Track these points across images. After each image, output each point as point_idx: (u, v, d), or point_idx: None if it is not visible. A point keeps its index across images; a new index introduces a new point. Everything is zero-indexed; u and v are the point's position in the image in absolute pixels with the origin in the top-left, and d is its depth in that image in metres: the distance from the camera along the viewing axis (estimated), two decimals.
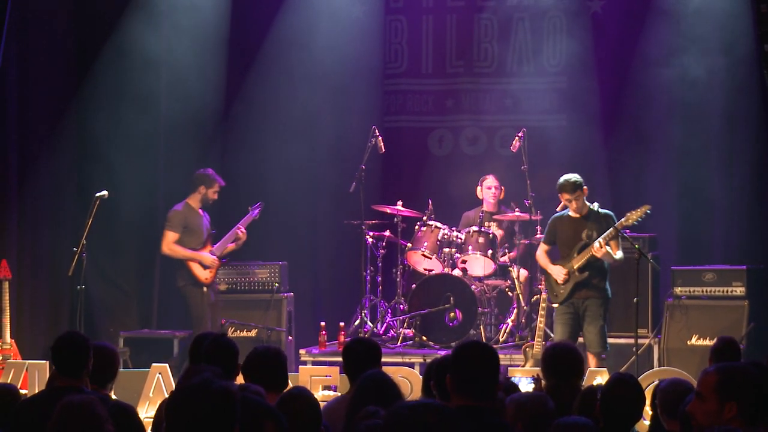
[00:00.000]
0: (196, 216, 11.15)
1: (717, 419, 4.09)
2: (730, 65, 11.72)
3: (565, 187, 9.70)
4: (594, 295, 9.78)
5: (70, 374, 5.64)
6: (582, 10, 12.47)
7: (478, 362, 4.48)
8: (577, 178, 9.72)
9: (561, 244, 9.98)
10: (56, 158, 11.67)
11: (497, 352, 4.60)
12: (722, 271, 10.85)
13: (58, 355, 5.73)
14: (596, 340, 9.71)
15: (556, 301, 9.87)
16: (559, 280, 9.80)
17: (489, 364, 4.49)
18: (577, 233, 9.82)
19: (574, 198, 9.71)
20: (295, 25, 12.53)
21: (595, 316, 9.75)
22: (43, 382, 8.91)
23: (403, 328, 11.32)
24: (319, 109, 12.71)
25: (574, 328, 9.80)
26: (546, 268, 10.01)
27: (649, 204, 9.64)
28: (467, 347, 4.60)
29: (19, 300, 11.27)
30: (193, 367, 5.44)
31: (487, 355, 4.53)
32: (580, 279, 9.76)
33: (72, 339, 5.81)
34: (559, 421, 4.53)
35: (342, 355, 6.11)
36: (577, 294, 9.80)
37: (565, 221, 9.91)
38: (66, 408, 4.29)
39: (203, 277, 11.02)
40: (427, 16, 13.07)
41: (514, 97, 12.82)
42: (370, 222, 11.69)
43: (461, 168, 12.72)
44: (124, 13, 11.96)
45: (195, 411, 3.39)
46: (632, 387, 5.10)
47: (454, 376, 4.47)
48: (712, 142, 11.91)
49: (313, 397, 4.71)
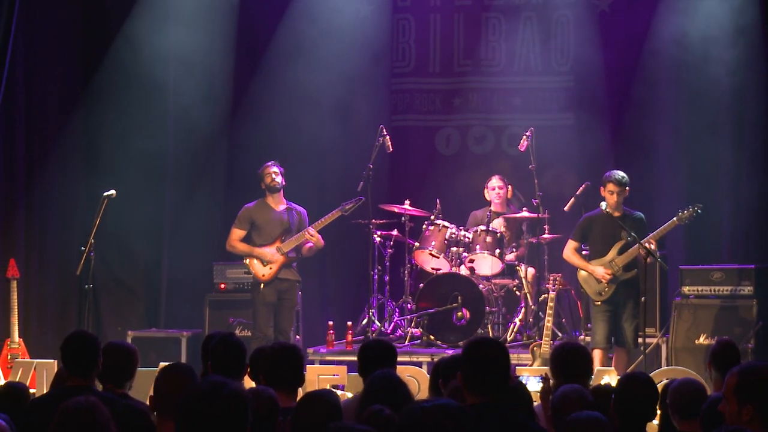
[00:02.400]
0: (268, 212, 10.88)
1: (738, 421, 4.10)
2: (741, 65, 11.69)
3: (616, 179, 9.91)
4: (634, 294, 9.99)
5: (80, 374, 5.64)
6: (589, 9, 12.44)
7: (489, 358, 4.49)
8: (626, 175, 9.96)
9: (596, 242, 10.10)
10: (64, 157, 11.69)
11: (506, 347, 4.61)
12: (730, 270, 10.83)
13: (68, 355, 5.72)
14: (633, 337, 9.96)
15: (599, 299, 10.02)
16: (604, 279, 9.89)
17: (500, 359, 4.51)
18: (615, 232, 9.92)
19: (618, 192, 9.88)
20: (303, 24, 12.52)
21: (632, 315, 9.98)
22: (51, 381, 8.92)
23: (411, 328, 11.31)
24: (327, 108, 12.70)
25: (613, 326, 10.00)
26: (585, 267, 10.08)
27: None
28: (477, 344, 4.61)
29: (28, 299, 11.31)
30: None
31: (497, 350, 4.54)
32: (625, 278, 9.93)
33: (81, 338, 5.80)
34: (573, 416, 4.53)
35: (357, 355, 6.10)
36: (620, 293, 9.98)
37: (602, 219, 10.00)
38: (65, 412, 4.26)
39: (260, 273, 10.77)
40: (434, 15, 13.05)
41: (521, 96, 12.80)
42: (378, 221, 11.68)
43: (469, 167, 12.71)
44: (131, 13, 11.98)
45: (206, 414, 3.39)
46: (646, 385, 5.11)
47: (466, 373, 4.47)
48: (721, 141, 11.88)
49: (335, 398, 4.70)
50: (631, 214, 10.02)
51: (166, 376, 4.74)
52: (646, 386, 5.08)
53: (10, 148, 11.22)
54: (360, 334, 11.44)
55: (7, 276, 10.65)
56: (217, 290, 11.70)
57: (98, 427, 4.19)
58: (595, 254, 10.10)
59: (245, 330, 11.28)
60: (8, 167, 11.21)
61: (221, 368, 5.47)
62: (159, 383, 4.72)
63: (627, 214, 10.01)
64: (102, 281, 11.64)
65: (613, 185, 9.90)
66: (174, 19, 12.10)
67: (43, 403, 5.59)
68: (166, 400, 4.54)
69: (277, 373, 5.45)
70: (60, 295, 11.69)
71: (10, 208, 11.24)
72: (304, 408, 4.54)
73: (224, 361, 5.59)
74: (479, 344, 4.60)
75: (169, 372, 4.78)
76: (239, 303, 11.54)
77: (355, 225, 11.70)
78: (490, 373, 4.46)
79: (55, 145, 11.75)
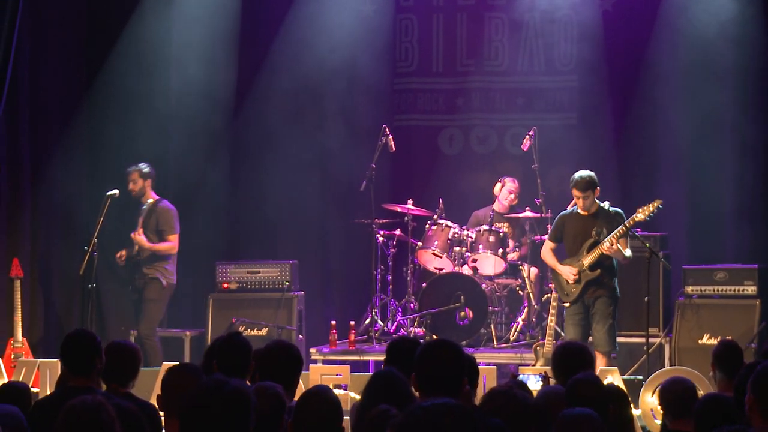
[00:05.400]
0: None
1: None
2: (745, 65, 11.69)
3: (578, 183, 9.65)
4: (604, 294, 9.75)
5: (81, 373, 5.64)
6: (593, 8, 12.43)
7: (442, 360, 4.46)
8: (592, 176, 9.66)
9: (568, 241, 9.93)
10: (68, 157, 11.70)
11: (461, 349, 4.57)
12: (734, 270, 10.81)
13: (68, 354, 5.71)
14: (605, 339, 9.66)
15: (567, 300, 9.83)
16: (570, 279, 9.78)
17: (452, 359, 4.48)
18: (586, 231, 9.78)
19: (584, 197, 9.66)
20: (305, 23, 12.54)
21: (605, 315, 9.71)
22: (55, 380, 8.93)
23: (414, 327, 11.32)
24: (329, 107, 12.72)
25: (586, 328, 9.77)
26: (554, 267, 9.97)
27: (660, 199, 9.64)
28: (430, 346, 4.59)
29: (31, 299, 11.31)
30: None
31: (451, 352, 4.51)
32: (590, 277, 9.73)
33: (81, 337, 5.80)
34: (565, 413, 4.53)
35: (386, 350, 6.06)
36: (588, 293, 9.77)
37: (573, 218, 9.88)
38: (70, 411, 4.25)
39: None
40: (437, 14, 13.06)
41: (524, 96, 12.80)
42: (381, 221, 11.69)
43: (472, 167, 12.73)
44: (135, 12, 12.00)
45: (209, 411, 3.40)
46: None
47: (418, 374, 4.46)
48: (724, 141, 11.88)
49: (334, 396, 4.70)
50: (606, 210, 9.76)
51: (173, 375, 4.75)
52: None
53: (14, 147, 11.23)
54: (363, 333, 11.44)
55: (11, 275, 10.65)
56: (221, 289, 11.71)
57: (103, 426, 4.18)
58: (569, 253, 9.93)
59: (248, 329, 11.29)
60: (13, 167, 11.22)
61: (226, 367, 5.47)
62: (166, 383, 4.73)
63: (601, 210, 9.77)
64: (105, 281, 11.64)
65: (577, 191, 9.66)
66: (177, 20, 12.11)
67: (47, 404, 5.58)
68: (173, 399, 4.55)
69: (274, 371, 5.44)
70: (63, 294, 11.70)
71: (14, 207, 11.25)
72: (306, 406, 4.53)
73: (229, 361, 5.59)
74: (432, 346, 4.58)
75: (176, 372, 4.79)
76: (243, 302, 11.55)
77: (357, 224, 11.71)
78: (442, 375, 4.44)
79: (59, 144, 11.76)
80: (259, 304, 11.57)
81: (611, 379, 8.42)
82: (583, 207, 9.73)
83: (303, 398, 4.63)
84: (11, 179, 11.20)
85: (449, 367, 4.44)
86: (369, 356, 10.80)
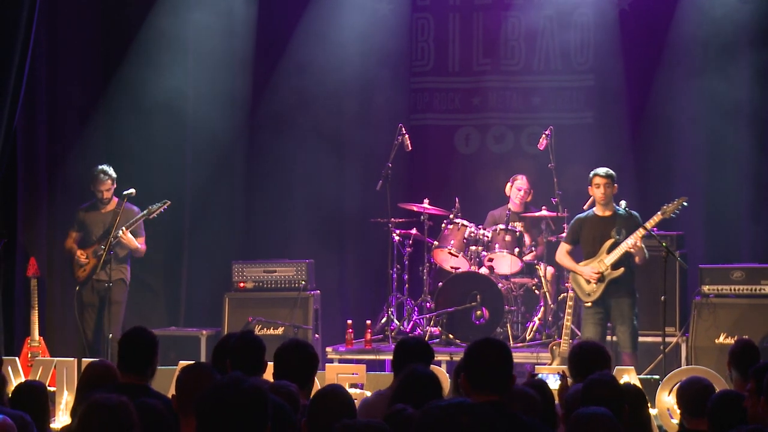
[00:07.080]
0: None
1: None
2: (764, 65, 11.65)
3: (599, 171, 9.85)
4: (625, 295, 9.83)
5: (134, 371, 5.61)
6: (609, 7, 12.40)
7: (493, 358, 4.49)
8: (612, 171, 9.89)
9: (586, 244, 9.97)
10: (85, 156, 11.73)
11: (509, 348, 4.61)
12: (751, 269, 10.79)
13: (124, 351, 5.66)
14: (630, 340, 9.81)
15: (588, 300, 9.89)
16: (592, 279, 9.82)
17: (503, 359, 4.51)
18: (604, 233, 9.84)
19: (605, 184, 9.77)
20: (322, 24, 12.54)
21: (628, 316, 9.83)
22: (71, 379, 8.96)
23: (430, 326, 11.32)
24: (346, 107, 12.73)
25: (604, 327, 9.88)
26: (573, 269, 10.01)
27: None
28: (481, 344, 4.61)
29: (48, 298, 11.34)
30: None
31: (501, 350, 4.54)
32: (613, 277, 9.82)
33: (139, 335, 5.75)
34: (579, 412, 4.53)
35: (394, 350, 6.07)
36: (609, 293, 9.84)
37: (590, 221, 9.92)
38: (91, 406, 4.19)
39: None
40: (453, 14, 13.04)
41: (541, 95, 12.78)
42: (397, 220, 11.68)
43: (488, 166, 12.70)
44: (150, 12, 12.02)
45: (225, 409, 3.40)
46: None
47: (470, 373, 4.47)
48: (741, 139, 11.84)
49: (347, 395, 4.70)
50: (622, 211, 9.88)
51: (188, 375, 4.75)
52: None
53: (31, 147, 11.26)
54: (379, 333, 11.45)
55: (28, 274, 10.69)
56: (237, 289, 11.71)
57: (120, 428, 4.12)
58: (587, 255, 10.02)
59: (264, 328, 11.30)
60: (30, 167, 11.25)
61: (240, 366, 5.47)
62: (181, 382, 4.73)
63: (617, 212, 9.90)
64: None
65: (599, 177, 9.84)
66: (193, 19, 12.12)
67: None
68: (188, 398, 4.55)
69: (291, 370, 5.44)
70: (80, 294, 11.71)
71: (32, 207, 11.28)
72: (319, 405, 4.54)
73: (243, 359, 5.60)
74: (483, 344, 4.60)
75: (190, 371, 4.79)
76: (259, 302, 11.56)
77: (374, 224, 11.72)
78: (494, 373, 4.46)
79: (76, 144, 11.80)
80: (275, 304, 11.57)
81: (628, 378, 8.40)
82: (602, 197, 9.77)
83: (317, 397, 4.64)
84: (28, 179, 11.24)
85: (501, 366, 4.47)
86: (385, 355, 10.79)
